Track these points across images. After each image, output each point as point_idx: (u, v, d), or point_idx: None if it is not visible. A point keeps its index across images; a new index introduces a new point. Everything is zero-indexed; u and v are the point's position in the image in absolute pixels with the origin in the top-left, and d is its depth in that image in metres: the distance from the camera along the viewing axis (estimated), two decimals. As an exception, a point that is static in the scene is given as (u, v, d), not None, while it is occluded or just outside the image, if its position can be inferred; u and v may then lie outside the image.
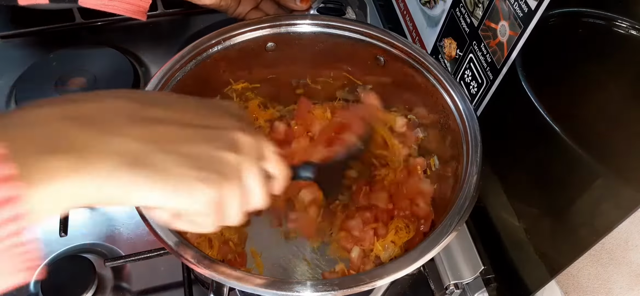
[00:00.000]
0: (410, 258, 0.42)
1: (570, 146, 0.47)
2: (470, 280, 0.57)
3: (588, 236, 0.45)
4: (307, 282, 0.40)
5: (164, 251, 0.56)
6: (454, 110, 0.54)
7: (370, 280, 0.41)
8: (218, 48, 0.58)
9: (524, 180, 0.55)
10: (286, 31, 0.60)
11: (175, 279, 0.61)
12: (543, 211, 0.52)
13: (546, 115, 0.49)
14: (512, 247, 0.58)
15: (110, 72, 0.80)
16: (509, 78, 0.54)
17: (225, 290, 0.46)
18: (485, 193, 0.59)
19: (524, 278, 0.56)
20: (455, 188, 0.50)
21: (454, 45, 0.64)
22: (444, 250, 0.48)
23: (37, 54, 0.85)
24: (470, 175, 0.48)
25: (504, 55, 0.54)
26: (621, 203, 0.42)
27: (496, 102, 0.57)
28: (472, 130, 0.51)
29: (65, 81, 0.78)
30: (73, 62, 0.81)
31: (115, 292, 0.60)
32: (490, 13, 0.56)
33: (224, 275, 0.40)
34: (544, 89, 0.50)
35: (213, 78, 0.60)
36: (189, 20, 0.92)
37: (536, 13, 0.48)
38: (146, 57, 0.86)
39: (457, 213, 0.45)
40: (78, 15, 0.88)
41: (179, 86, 0.55)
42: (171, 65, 0.54)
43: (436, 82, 0.56)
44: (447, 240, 0.43)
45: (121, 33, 0.89)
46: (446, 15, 0.66)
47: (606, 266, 0.47)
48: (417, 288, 0.62)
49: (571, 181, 0.47)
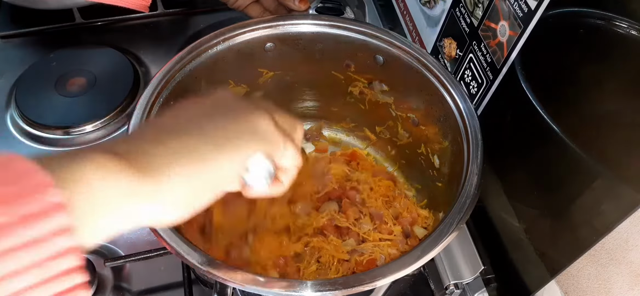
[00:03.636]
0: (411, 258, 0.42)
1: (570, 146, 0.47)
2: (470, 280, 0.57)
3: (588, 236, 0.45)
4: (308, 282, 0.40)
5: (164, 251, 0.56)
6: (455, 109, 0.54)
7: (371, 280, 0.41)
8: (218, 48, 0.58)
9: (524, 180, 0.55)
10: (285, 31, 0.60)
11: (175, 279, 0.61)
12: (543, 211, 0.52)
13: (546, 115, 0.49)
14: (512, 247, 0.58)
15: (110, 72, 0.80)
16: (508, 78, 0.54)
17: (229, 291, 0.46)
18: (485, 193, 0.59)
19: (524, 278, 0.56)
20: (456, 188, 0.50)
21: (454, 45, 0.64)
22: (444, 250, 0.47)
23: (37, 54, 0.85)
24: (471, 174, 0.48)
25: (504, 55, 0.54)
26: (621, 203, 0.42)
27: (496, 102, 0.57)
28: (473, 129, 0.51)
29: (65, 81, 0.78)
30: (73, 62, 0.81)
31: (115, 292, 0.60)
32: (490, 13, 0.56)
33: (227, 276, 0.40)
34: (544, 89, 0.50)
35: (213, 79, 0.60)
36: (189, 20, 0.92)
37: (536, 13, 0.48)
38: (146, 57, 0.86)
39: (457, 212, 0.45)
40: (78, 15, 0.88)
41: (179, 86, 0.55)
42: (171, 65, 0.55)
43: (436, 81, 0.56)
44: (448, 240, 0.43)
45: (121, 33, 0.89)
46: (446, 15, 0.66)
47: (606, 266, 0.47)
48: (417, 288, 0.62)
49: (571, 181, 0.47)
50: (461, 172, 0.50)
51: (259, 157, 0.36)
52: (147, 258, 0.58)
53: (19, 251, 0.22)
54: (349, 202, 0.62)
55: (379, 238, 0.59)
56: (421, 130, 0.62)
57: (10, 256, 0.22)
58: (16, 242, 0.22)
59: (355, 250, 0.58)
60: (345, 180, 0.65)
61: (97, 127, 0.74)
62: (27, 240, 0.22)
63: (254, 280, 0.40)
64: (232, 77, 0.62)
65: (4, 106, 0.77)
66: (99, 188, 0.26)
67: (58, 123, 0.74)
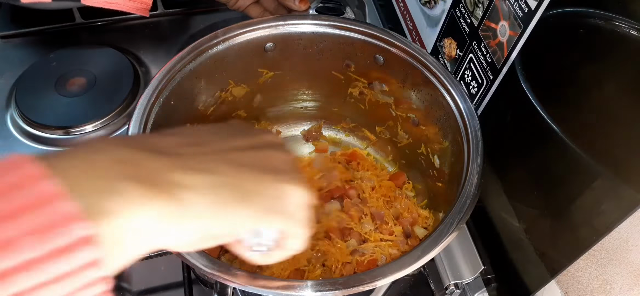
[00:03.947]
0: (411, 258, 0.42)
1: (570, 146, 0.47)
2: (470, 280, 0.57)
3: (588, 236, 0.45)
4: (308, 282, 0.40)
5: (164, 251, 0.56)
6: (455, 109, 0.54)
7: (371, 280, 0.41)
8: (218, 48, 0.58)
9: (524, 180, 0.55)
10: (285, 31, 0.60)
11: (175, 279, 0.61)
12: (543, 211, 0.52)
13: (546, 115, 0.49)
14: (512, 247, 0.58)
15: (110, 72, 0.80)
16: (508, 78, 0.54)
17: (229, 291, 0.46)
18: (485, 193, 0.59)
19: (524, 278, 0.56)
20: (456, 188, 0.50)
21: (454, 45, 0.64)
22: (444, 250, 0.48)
23: (37, 54, 0.84)
24: (471, 174, 0.48)
25: (504, 55, 0.54)
26: (621, 203, 0.42)
27: (496, 102, 0.57)
28: (473, 129, 0.51)
29: (65, 81, 0.78)
30: (73, 62, 0.81)
31: (116, 292, 0.60)
32: (490, 13, 0.56)
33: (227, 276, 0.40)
34: (544, 89, 0.50)
35: (213, 79, 0.60)
36: (189, 20, 0.92)
37: (536, 13, 0.48)
38: (146, 57, 0.86)
39: (458, 212, 0.45)
40: (78, 15, 0.88)
41: (179, 86, 0.55)
42: (171, 66, 0.54)
43: (436, 81, 0.56)
44: (448, 240, 0.43)
45: (121, 33, 0.89)
46: (446, 15, 0.66)
47: (606, 266, 0.47)
48: (417, 288, 0.62)
49: (571, 181, 0.47)
50: (461, 172, 0.50)
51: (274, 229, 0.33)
52: (147, 258, 0.58)
53: (51, 285, 0.23)
54: (351, 201, 0.62)
55: (379, 239, 0.59)
56: (421, 130, 0.62)
57: (42, 289, 0.23)
58: (48, 277, 0.23)
59: (356, 250, 0.58)
60: (346, 179, 0.65)
61: (97, 127, 0.74)
62: (58, 274, 0.23)
63: (254, 280, 0.40)
64: (232, 77, 0.62)
65: (4, 106, 0.77)
66: (127, 221, 0.26)
67: (58, 123, 0.74)
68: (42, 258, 0.22)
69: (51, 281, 0.23)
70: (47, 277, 0.23)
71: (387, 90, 0.63)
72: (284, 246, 0.35)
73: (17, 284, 0.22)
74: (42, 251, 0.22)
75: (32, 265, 0.22)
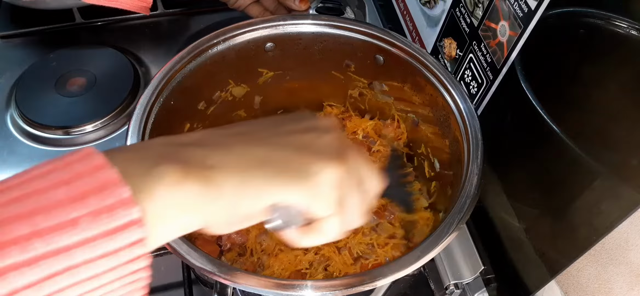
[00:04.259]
0: (411, 258, 0.42)
1: (570, 146, 0.47)
2: (470, 280, 0.57)
3: (588, 236, 0.45)
4: (308, 282, 0.40)
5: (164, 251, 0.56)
6: (455, 109, 0.54)
7: (371, 280, 0.41)
8: (218, 48, 0.58)
9: (524, 180, 0.55)
10: (285, 31, 0.60)
11: (175, 279, 0.61)
12: (543, 211, 0.52)
13: (546, 115, 0.49)
14: (512, 247, 0.58)
15: (110, 72, 0.80)
16: (508, 78, 0.54)
17: (229, 291, 0.46)
18: (485, 193, 0.59)
19: (524, 278, 0.56)
20: (456, 188, 0.50)
21: (454, 45, 0.64)
22: (444, 250, 0.47)
23: (37, 54, 0.84)
24: (471, 174, 0.48)
25: (504, 55, 0.54)
26: (621, 203, 0.42)
27: (496, 102, 0.57)
28: (473, 129, 0.51)
29: (65, 81, 0.78)
30: (73, 62, 0.81)
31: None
32: (490, 13, 0.56)
33: (227, 276, 0.40)
34: (544, 89, 0.50)
35: (213, 79, 0.60)
36: (189, 20, 0.92)
37: (536, 13, 0.48)
38: (146, 57, 0.86)
39: (458, 213, 0.45)
40: (78, 15, 0.88)
41: (179, 86, 0.55)
42: (171, 66, 0.54)
43: (436, 81, 0.56)
44: (448, 240, 0.43)
45: (121, 33, 0.89)
46: (446, 15, 0.66)
47: (606, 266, 0.47)
48: (417, 288, 0.62)
49: (571, 181, 0.47)
50: (461, 172, 0.50)
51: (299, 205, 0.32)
52: (147, 258, 0.58)
53: (102, 259, 0.26)
54: None
55: (381, 240, 0.59)
56: (421, 130, 0.62)
57: (93, 263, 0.26)
58: (98, 253, 0.26)
59: (360, 256, 0.58)
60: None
61: (97, 127, 0.74)
62: (108, 250, 0.26)
63: (254, 280, 0.40)
64: (232, 77, 0.62)
65: (4, 106, 0.77)
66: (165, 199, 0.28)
67: (58, 123, 0.74)
68: (97, 236, 0.25)
69: (101, 256, 0.26)
70: (100, 253, 0.26)
71: (387, 90, 0.63)
72: (320, 229, 0.34)
73: (75, 258, 0.25)
74: (98, 230, 0.25)
75: (88, 242, 0.25)
